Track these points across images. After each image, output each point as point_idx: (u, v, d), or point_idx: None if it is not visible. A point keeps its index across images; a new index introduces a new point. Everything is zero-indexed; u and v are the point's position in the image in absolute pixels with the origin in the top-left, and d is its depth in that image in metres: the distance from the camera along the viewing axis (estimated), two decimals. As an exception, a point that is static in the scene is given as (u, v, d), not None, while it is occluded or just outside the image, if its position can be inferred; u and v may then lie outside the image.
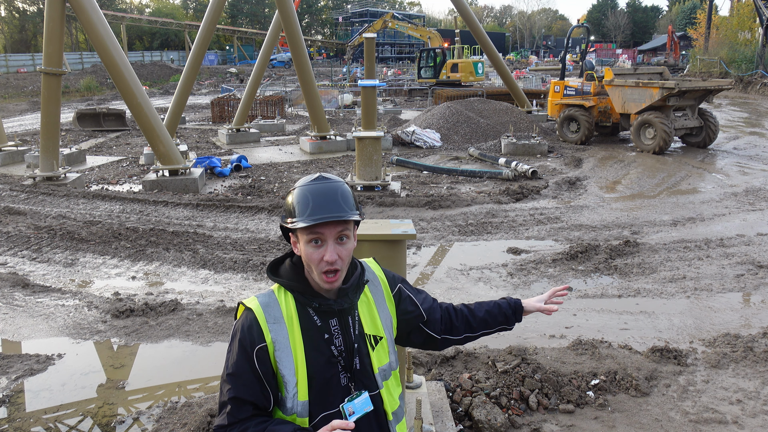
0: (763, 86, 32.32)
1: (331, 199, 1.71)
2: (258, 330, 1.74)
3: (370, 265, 2.01)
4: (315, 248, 1.72)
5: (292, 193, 1.76)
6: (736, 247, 7.70)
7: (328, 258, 1.70)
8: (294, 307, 1.79)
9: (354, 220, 1.74)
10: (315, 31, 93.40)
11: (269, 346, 1.74)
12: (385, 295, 1.96)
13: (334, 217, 1.69)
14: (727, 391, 4.35)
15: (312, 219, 1.68)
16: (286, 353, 1.74)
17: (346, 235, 1.75)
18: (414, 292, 2.08)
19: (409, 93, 32.53)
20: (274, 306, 1.78)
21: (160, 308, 5.95)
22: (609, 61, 56.87)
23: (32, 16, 65.04)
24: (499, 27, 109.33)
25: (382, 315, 1.92)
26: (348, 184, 1.82)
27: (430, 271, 7.16)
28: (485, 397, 4.09)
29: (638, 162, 13.73)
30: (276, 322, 1.76)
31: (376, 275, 1.98)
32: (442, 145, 16.29)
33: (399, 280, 2.04)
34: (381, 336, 1.89)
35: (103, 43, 10.49)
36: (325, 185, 1.74)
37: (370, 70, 11.81)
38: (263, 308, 1.78)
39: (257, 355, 1.72)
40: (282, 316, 1.77)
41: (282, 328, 1.75)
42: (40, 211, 9.61)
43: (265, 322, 1.75)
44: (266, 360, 1.73)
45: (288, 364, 1.74)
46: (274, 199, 10.22)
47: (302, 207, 1.70)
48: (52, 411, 4.32)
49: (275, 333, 1.74)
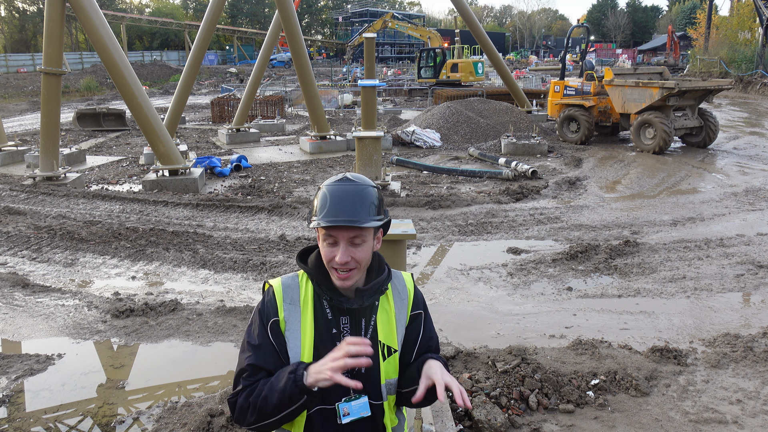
0: (763, 86, 32.31)
1: (348, 202, 1.72)
2: (274, 306, 1.83)
3: (405, 278, 2.00)
4: (329, 248, 1.76)
5: (318, 191, 1.80)
6: (736, 247, 7.70)
7: (339, 260, 1.73)
8: (311, 295, 1.84)
9: (370, 227, 1.73)
10: (315, 31, 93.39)
11: (281, 323, 1.81)
12: (407, 311, 1.94)
13: (344, 222, 1.70)
14: (727, 390, 4.35)
15: (326, 221, 1.70)
16: (294, 335, 1.80)
17: (360, 239, 1.75)
18: (427, 328, 1.98)
19: (409, 93, 32.53)
20: (294, 288, 1.86)
21: (160, 308, 5.95)
22: (609, 61, 56.89)
23: (32, 16, 65.03)
24: (499, 27, 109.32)
25: (399, 329, 1.90)
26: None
27: (430, 270, 7.16)
28: (485, 397, 4.09)
29: (638, 162, 13.73)
30: (292, 303, 1.83)
31: (407, 289, 1.97)
32: (442, 145, 16.28)
33: (423, 307, 2.00)
34: (395, 349, 1.88)
35: (103, 43, 10.48)
36: (346, 187, 1.75)
37: (370, 70, 11.81)
38: (283, 288, 1.86)
39: (271, 327, 1.81)
40: (299, 299, 1.84)
41: (296, 310, 1.82)
42: (40, 211, 9.61)
43: (282, 300, 1.83)
44: (279, 333, 1.81)
45: (294, 346, 1.79)
46: (274, 199, 10.21)
47: (321, 207, 1.74)
48: (52, 411, 4.32)
49: (288, 313, 1.82)
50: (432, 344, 1.98)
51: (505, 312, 5.93)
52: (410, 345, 1.93)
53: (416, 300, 1.97)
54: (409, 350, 1.93)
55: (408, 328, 1.93)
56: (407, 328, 1.92)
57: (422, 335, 1.95)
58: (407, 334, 1.93)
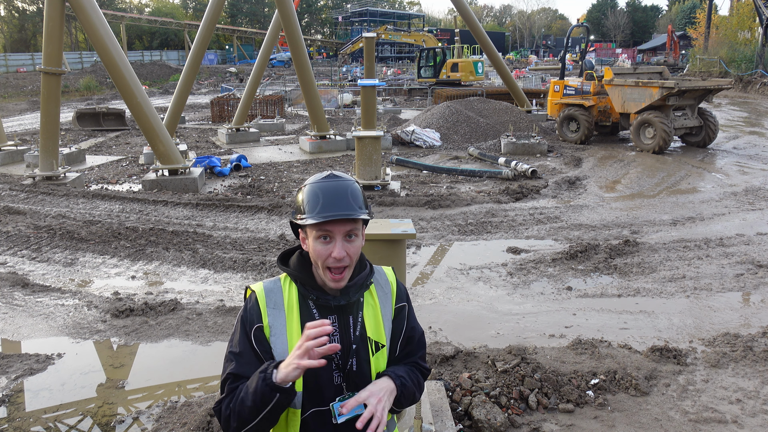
0: (762, 86, 32.32)
1: (341, 197, 1.72)
2: (257, 312, 1.80)
3: (386, 272, 2.00)
4: (323, 245, 1.74)
5: (302, 190, 1.78)
6: (735, 246, 7.70)
7: (336, 255, 1.72)
8: (296, 297, 1.82)
9: (363, 218, 1.75)
10: (315, 30, 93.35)
11: (266, 329, 1.79)
12: (391, 305, 1.95)
13: (344, 215, 1.70)
14: (727, 390, 4.35)
15: (321, 216, 1.69)
16: (281, 340, 1.78)
17: (354, 233, 1.76)
18: (410, 319, 1.99)
19: (408, 92, 32.54)
20: (276, 292, 1.83)
21: (160, 308, 5.95)
22: (609, 61, 56.85)
23: (32, 16, 65.00)
24: (498, 26, 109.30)
25: (386, 323, 1.91)
26: None
27: (430, 270, 7.16)
28: (485, 397, 4.09)
29: (638, 161, 13.73)
30: (276, 308, 1.81)
31: (389, 283, 1.97)
32: (441, 145, 16.28)
33: (406, 299, 2.00)
34: (383, 344, 1.88)
35: (103, 42, 10.48)
36: (335, 183, 1.76)
37: (369, 69, 11.81)
38: (266, 293, 1.83)
39: (254, 334, 1.78)
40: (283, 303, 1.82)
41: (280, 314, 1.80)
42: (40, 210, 9.61)
43: (265, 306, 1.80)
44: (263, 340, 1.78)
45: (282, 351, 1.77)
46: (273, 199, 10.21)
47: (312, 204, 1.72)
48: (51, 410, 4.32)
49: (272, 318, 1.79)
50: (414, 335, 1.98)
51: (504, 311, 5.93)
52: (395, 338, 1.94)
53: (399, 293, 1.97)
54: (394, 344, 1.93)
55: (394, 322, 1.93)
56: (393, 322, 1.93)
57: (405, 327, 1.96)
58: (394, 328, 1.93)
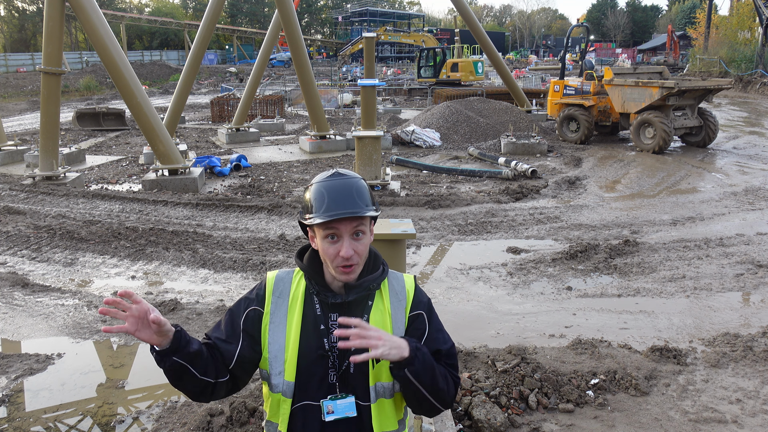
0: (762, 86, 32.32)
1: (346, 194, 1.73)
2: (261, 297, 1.86)
3: (405, 279, 1.93)
4: (331, 243, 1.74)
5: (309, 189, 1.79)
6: (735, 246, 7.70)
7: (344, 253, 1.72)
8: (302, 291, 1.85)
9: (369, 215, 1.75)
10: (315, 30, 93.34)
11: (265, 316, 1.83)
12: (405, 313, 1.86)
13: (349, 213, 1.70)
14: (727, 390, 4.35)
15: (327, 215, 1.69)
16: (279, 328, 1.81)
17: (361, 230, 1.75)
18: (433, 329, 1.86)
19: (408, 92, 32.53)
20: (286, 282, 1.88)
21: (160, 308, 5.95)
22: (608, 61, 56.84)
23: (32, 16, 65.00)
24: (498, 26, 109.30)
25: (396, 332, 1.83)
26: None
27: (430, 270, 7.16)
28: (485, 397, 4.09)
29: (638, 161, 13.73)
30: (281, 296, 1.85)
31: (405, 290, 1.89)
32: (441, 145, 16.28)
33: (424, 308, 1.89)
34: None
35: (103, 42, 10.47)
36: (340, 181, 1.76)
37: (369, 69, 11.81)
38: (276, 281, 1.88)
39: (248, 314, 1.84)
40: (288, 293, 1.85)
41: (283, 303, 1.84)
42: (40, 210, 9.61)
43: (271, 293, 1.86)
44: (255, 321, 1.83)
45: (278, 339, 1.80)
46: (273, 199, 10.21)
47: (318, 203, 1.73)
48: (51, 410, 4.32)
49: (275, 306, 1.84)
50: (441, 348, 1.84)
51: (504, 311, 5.93)
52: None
53: (416, 302, 1.88)
54: None
55: (407, 331, 1.84)
56: (406, 331, 1.84)
57: (427, 335, 1.84)
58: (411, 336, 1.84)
